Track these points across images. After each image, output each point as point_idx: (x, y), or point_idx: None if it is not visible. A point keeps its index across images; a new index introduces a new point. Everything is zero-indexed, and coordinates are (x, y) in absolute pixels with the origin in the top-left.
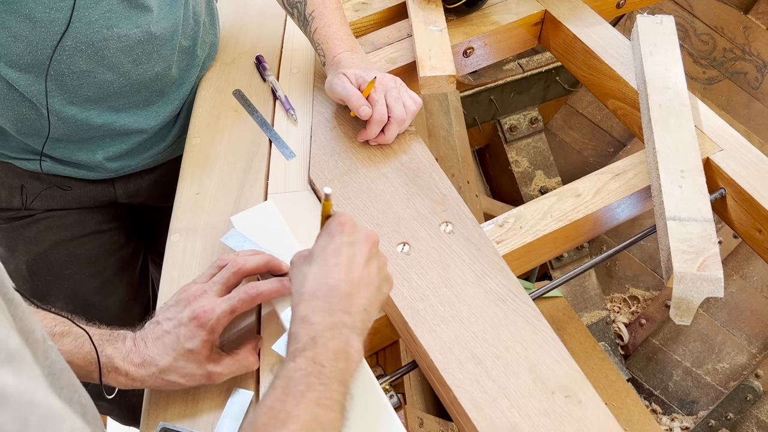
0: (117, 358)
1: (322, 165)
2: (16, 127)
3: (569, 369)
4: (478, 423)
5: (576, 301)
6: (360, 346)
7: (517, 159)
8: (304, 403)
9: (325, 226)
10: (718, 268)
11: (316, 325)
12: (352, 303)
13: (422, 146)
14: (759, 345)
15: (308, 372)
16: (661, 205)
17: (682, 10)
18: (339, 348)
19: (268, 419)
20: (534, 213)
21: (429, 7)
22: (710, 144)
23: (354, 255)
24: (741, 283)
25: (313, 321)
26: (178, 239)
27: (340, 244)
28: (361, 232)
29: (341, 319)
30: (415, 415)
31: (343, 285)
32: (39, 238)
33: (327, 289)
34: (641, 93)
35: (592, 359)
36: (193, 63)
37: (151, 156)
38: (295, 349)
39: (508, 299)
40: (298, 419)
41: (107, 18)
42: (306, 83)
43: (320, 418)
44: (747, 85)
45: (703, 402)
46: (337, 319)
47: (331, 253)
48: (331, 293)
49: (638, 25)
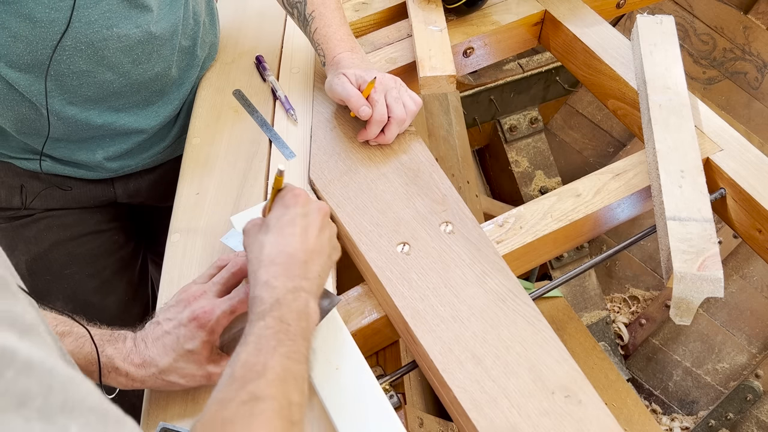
0: (117, 359)
1: (322, 165)
2: (15, 126)
3: (569, 369)
4: (478, 423)
5: (576, 301)
6: (316, 308)
7: (517, 159)
8: (277, 357)
9: (280, 198)
10: (718, 268)
11: (278, 289)
12: (308, 269)
13: (422, 146)
14: (759, 345)
15: (277, 330)
16: (661, 205)
17: (682, 10)
18: (300, 309)
19: (246, 371)
20: (534, 213)
21: (429, 7)
22: (710, 144)
23: (308, 225)
24: (741, 283)
25: (275, 285)
26: (178, 239)
27: (294, 215)
28: (314, 203)
29: (300, 283)
30: (415, 415)
31: (299, 253)
32: (38, 238)
33: (285, 257)
34: (641, 93)
35: (592, 359)
36: (193, 63)
37: (151, 156)
38: (263, 310)
39: (508, 299)
40: (273, 370)
41: (107, 18)
42: (306, 83)
43: (291, 369)
44: (747, 85)
45: (703, 402)
46: (296, 283)
47: (287, 223)
48: (289, 260)
49: (638, 25)
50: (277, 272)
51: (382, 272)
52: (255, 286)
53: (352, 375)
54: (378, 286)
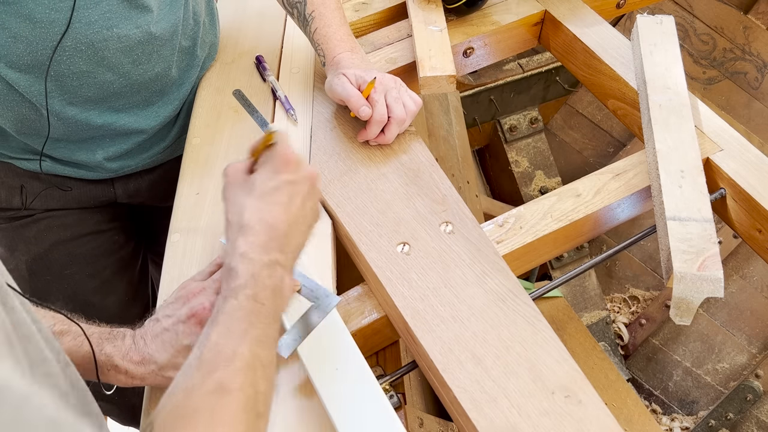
0: (116, 357)
1: (322, 165)
2: (16, 127)
3: (569, 369)
4: (478, 423)
5: (576, 301)
6: (291, 282)
7: (517, 159)
8: (247, 341)
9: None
10: (718, 268)
11: (255, 262)
12: (287, 242)
13: (422, 146)
14: (759, 345)
15: (250, 310)
16: (661, 205)
17: (682, 10)
18: (275, 285)
19: (214, 355)
20: (534, 213)
21: (429, 7)
22: (710, 144)
23: (294, 194)
24: (741, 283)
25: (251, 257)
26: (178, 239)
27: (282, 182)
28: (304, 170)
29: (277, 257)
30: (415, 415)
31: (280, 224)
32: (39, 238)
33: (265, 226)
34: (641, 93)
35: (592, 359)
36: (193, 63)
37: (150, 156)
38: (237, 286)
39: (508, 299)
40: (242, 357)
41: (107, 18)
42: (306, 83)
43: (260, 355)
44: (747, 85)
45: (703, 402)
46: (273, 257)
47: (272, 189)
48: (270, 231)
49: (638, 25)
50: (255, 243)
51: (382, 272)
52: (231, 255)
53: (352, 375)
54: (378, 286)
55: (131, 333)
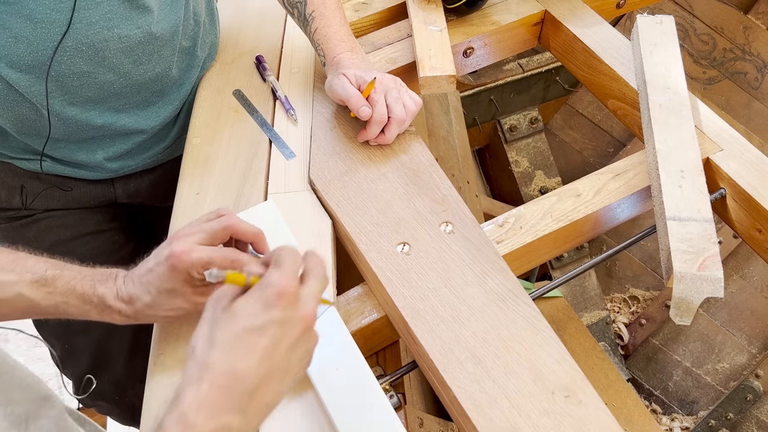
0: (109, 297)
1: (322, 165)
2: (16, 127)
3: (569, 369)
4: (478, 423)
5: (576, 301)
6: None
7: (517, 159)
8: None
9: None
10: (718, 268)
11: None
12: (252, 401)
13: (422, 146)
14: (759, 345)
15: None
16: (661, 205)
17: (682, 10)
18: None
19: None
20: (534, 213)
21: (429, 7)
22: (710, 144)
23: (280, 339)
24: (741, 283)
25: (193, 422)
26: None
27: (268, 320)
28: (301, 309)
29: (229, 421)
30: (415, 415)
31: (250, 377)
32: (39, 238)
33: (230, 378)
34: (641, 93)
35: (592, 359)
36: (193, 63)
37: (151, 156)
38: None
39: (508, 299)
40: None
41: (108, 19)
42: (306, 83)
43: None
44: (747, 85)
45: (703, 402)
46: (224, 421)
47: (255, 329)
48: (233, 385)
49: (638, 25)
50: (205, 400)
51: (382, 272)
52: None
53: (352, 375)
54: (378, 286)
55: (123, 273)
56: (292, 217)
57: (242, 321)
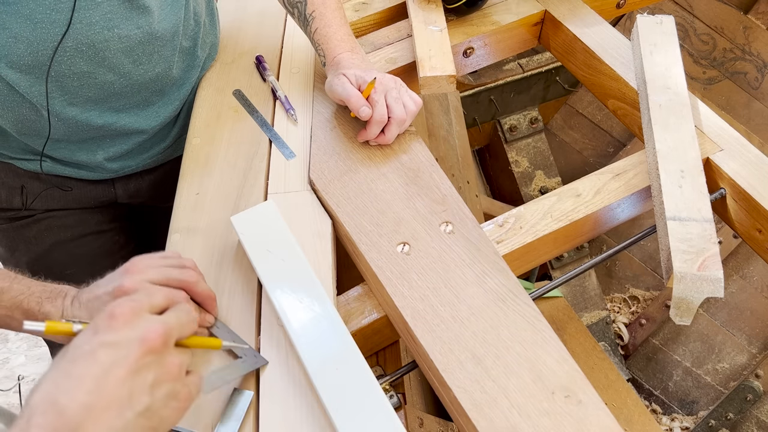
0: (55, 317)
1: (322, 165)
2: (16, 127)
3: (569, 369)
4: (478, 423)
5: (576, 301)
6: None
7: (517, 159)
8: None
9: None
10: (718, 268)
11: None
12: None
13: (422, 146)
14: (759, 345)
15: None
16: (661, 205)
17: (682, 10)
18: None
19: None
20: (534, 213)
21: (429, 7)
22: (710, 144)
23: (113, 364)
24: (741, 283)
25: None
26: (178, 239)
27: (97, 344)
28: (138, 329)
29: None
30: (415, 415)
31: (72, 409)
32: (39, 239)
33: (49, 412)
34: (641, 93)
35: (592, 359)
36: (193, 63)
37: (151, 156)
38: None
39: (508, 299)
40: None
41: (108, 19)
42: (306, 83)
43: None
44: (747, 85)
45: (703, 402)
46: None
47: (82, 356)
48: (53, 420)
49: (638, 25)
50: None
51: (382, 272)
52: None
53: (352, 375)
54: (378, 286)
55: (73, 293)
56: (292, 217)
57: (70, 352)
